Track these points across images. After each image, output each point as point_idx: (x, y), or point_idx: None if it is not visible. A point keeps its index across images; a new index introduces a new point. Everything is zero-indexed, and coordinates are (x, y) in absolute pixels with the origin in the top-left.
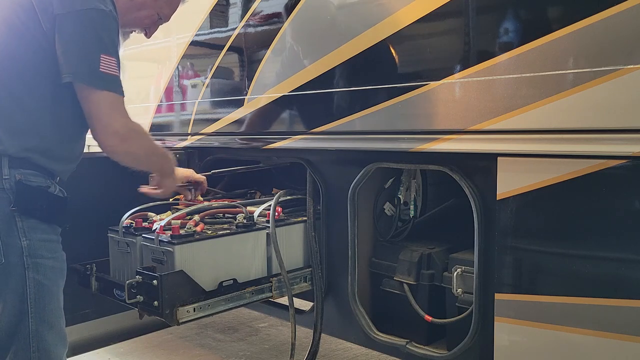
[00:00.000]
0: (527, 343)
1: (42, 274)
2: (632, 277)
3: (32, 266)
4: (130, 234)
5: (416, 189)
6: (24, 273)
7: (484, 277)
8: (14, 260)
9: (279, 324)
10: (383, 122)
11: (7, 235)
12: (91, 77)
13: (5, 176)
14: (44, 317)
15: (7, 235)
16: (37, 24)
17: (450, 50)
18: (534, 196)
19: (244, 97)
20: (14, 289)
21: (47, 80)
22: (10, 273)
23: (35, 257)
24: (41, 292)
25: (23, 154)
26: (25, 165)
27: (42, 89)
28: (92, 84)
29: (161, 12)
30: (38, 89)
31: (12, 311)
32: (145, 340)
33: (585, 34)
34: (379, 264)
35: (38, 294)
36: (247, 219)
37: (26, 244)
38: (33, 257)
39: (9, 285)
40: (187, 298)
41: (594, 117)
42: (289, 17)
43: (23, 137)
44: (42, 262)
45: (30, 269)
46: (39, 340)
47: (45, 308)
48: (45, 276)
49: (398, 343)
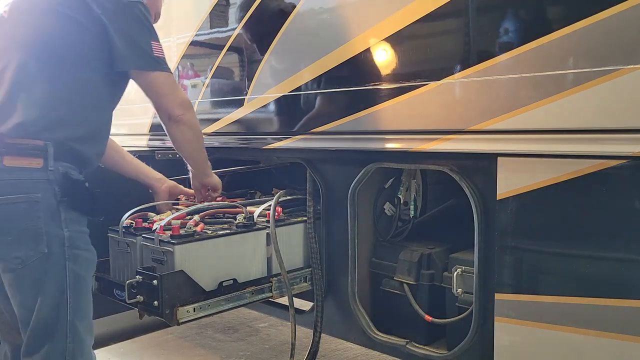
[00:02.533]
0: (527, 343)
1: (79, 265)
2: (632, 277)
3: (71, 257)
4: (130, 234)
5: (416, 189)
6: (64, 264)
7: (484, 277)
8: (56, 250)
9: (279, 324)
10: (383, 122)
11: (51, 226)
12: (150, 62)
13: (51, 167)
14: (79, 308)
15: (51, 225)
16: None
17: (450, 50)
18: (534, 196)
19: (244, 97)
20: (54, 279)
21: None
22: (52, 263)
23: (74, 248)
24: (78, 283)
25: (67, 144)
26: (66, 157)
27: (86, 78)
28: (151, 68)
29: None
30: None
31: (51, 302)
32: (145, 340)
33: (585, 34)
34: (379, 264)
35: (76, 285)
36: (247, 219)
37: (67, 234)
38: (73, 248)
39: (50, 275)
40: (187, 298)
41: (594, 117)
42: (289, 17)
43: (67, 127)
44: (80, 254)
45: (70, 259)
46: (74, 331)
47: (81, 299)
48: (81, 267)
49: (398, 343)
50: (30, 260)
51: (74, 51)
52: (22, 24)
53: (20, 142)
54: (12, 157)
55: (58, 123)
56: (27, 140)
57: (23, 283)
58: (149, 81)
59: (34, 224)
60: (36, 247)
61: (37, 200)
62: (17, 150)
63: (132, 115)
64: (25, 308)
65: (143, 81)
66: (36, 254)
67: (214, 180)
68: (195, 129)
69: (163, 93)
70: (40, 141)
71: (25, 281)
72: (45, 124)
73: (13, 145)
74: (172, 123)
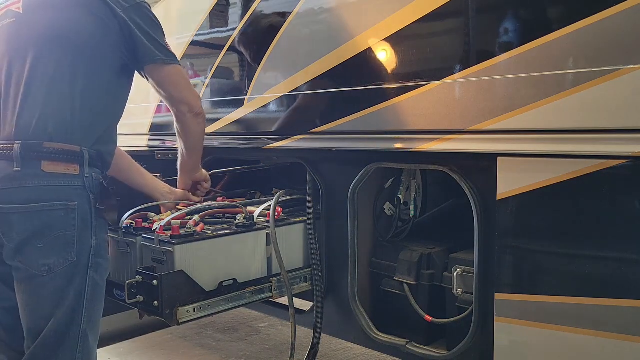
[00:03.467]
0: (527, 343)
1: (99, 273)
2: (632, 277)
3: (94, 266)
4: (130, 234)
5: (416, 189)
6: (87, 272)
7: (484, 277)
8: (83, 259)
9: (279, 324)
10: (383, 122)
11: (83, 234)
12: (170, 56)
13: (86, 174)
14: (91, 317)
15: (83, 233)
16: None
17: (450, 50)
18: (534, 196)
19: (244, 97)
20: (76, 287)
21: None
22: (77, 272)
23: (98, 256)
24: (95, 292)
25: (95, 148)
26: (96, 163)
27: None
28: (172, 61)
29: None
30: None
31: (68, 310)
32: (145, 340)
33: (585, 34)
34: (379, 264)
35: (93, 294)
36: (247, 219)
37: (95, 243)
38: (96, 257)
39: (73, 284)
40: (187, 298)
41: (594, 117)
42: (289, 17)
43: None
44: (101, 262)
45: (92, 268)
46: (85, 340)
47: (94, 308)
48: (100, 276)
49: (398, 343)
50: (58, 268)
51: (99, 49)
52: (42, 20)
53: (58, 146)
54: (50, 163)
55: (88, 126)
56: (64, 144)
57: (44, 291)
58: (169, 74)
59: (68, 232)
60: (67, 255)
61: (73, 208)
62: (56, 155)
63: (132, 115)
64: (40, 317)
65: (165, 76)
66: (65, 262)
67: (203, 173)
68: (204, 124)
69: (184, 86)
70: (77, 147)
71: (48, 289)
72: (79, 127)
73: (51, 150)
74: (191, 115)
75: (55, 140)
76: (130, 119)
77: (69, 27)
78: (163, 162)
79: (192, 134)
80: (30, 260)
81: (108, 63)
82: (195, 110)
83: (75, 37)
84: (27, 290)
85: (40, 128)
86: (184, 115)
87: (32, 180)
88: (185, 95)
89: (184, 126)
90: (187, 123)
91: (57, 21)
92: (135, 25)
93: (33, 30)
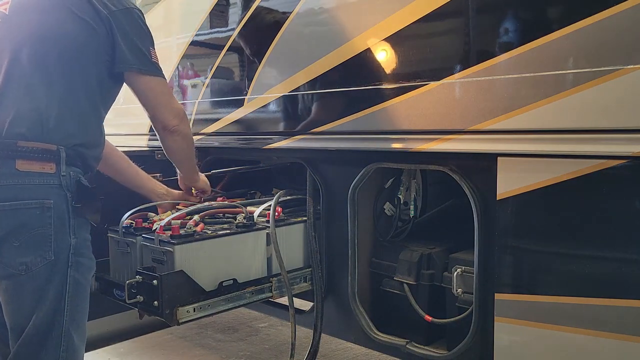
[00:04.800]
0: (527, 343)
1: (80, 272)
2: (632, 277)
3: (74, 264)
4: (130, 234)
5: (416, 189)
6: (67, 271)
7: (484, 277)
8: (62, 257)
9: (279, 324)
10: (383, 122)
11: (60, 233)
12: (149, 66)
13: (63, 173)
14: (75, 317)
15: (60, 232)
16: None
17: (450, 50)
18: (534, 196)
19: (244, 97)
20: (56, 286)
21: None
22: (56, 270)
23: (78, 255)
24: (78, 291)
25: (76, 148)
26: (75, 162)
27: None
28: (149, 72)
29: None
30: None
31: (49, 309)
32: (145, 340)
33: (585, 34)
34: (379, 264)
35: (75, 293)
36: (247, 219)
37: (74, 241)
38: (77, 256)
39: (53, 282)
40: (187, 298)
41: (594, 117)
42: (289, 17)
43: (75, 130)
44: (82, 261)
45: (73, 267)
46: (68, 339)
47: (78, 307)
48: (82, 275)
49: (398, 343)
50: (35, 267)
51: (83, 51)
52: (27, 21)
53: (33, 145)
54: (25, 161)
55: (68, 126)
56: (39, 143)
57: (24, 290)
58: (146, 86)
59: (44, 230)
60: (44, 253)
61: (49, 206)
62: (30, 154)
63: (132, 115)
64: (21, 316)
65: (140, 85)
66: (42, 261)
67: (200, 185)
68: (189, 139)
69: (159, 102)
70: (53, 145)
71: (27, 288)
72: (56, 127)
73: (25, 149)
74: (166, 133)
75: (30, 139)
76: (130, 119)
77: (52, 29)
78: (163, 162)
79: (169, 150)
80: (7, 258)
81: (92, 66)
82: (168, 128)
83: (59, 39)
84: (8, 289)
85: (15, 127)
86: (158, 131)
87: (7, 179)
88: (158, 112)
89: (161, 142)
90: (162, 139)
91: (42, 23)
92: (120, 29)
93: (16, 32)
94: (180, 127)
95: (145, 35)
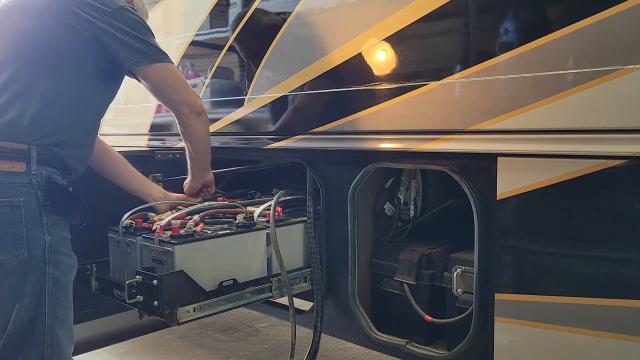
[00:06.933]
0: (527, 343)
1: (60, 270)
2: (632, 277)
3: (52, 262)
4: (130, 234)
5: (416, 189)
6: (44, 268)
7: (484, 277)
8: (37, 255)
9: (279, 324)
10: (383, 122)
11: (32, 230)
12: (158, 54)
13: (34, 172)
14: (58, 314)
15: (32, 230)
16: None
17: (450, 50)
18: (534, 196)
19: (244, 97)
20: (33, 283)
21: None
22: (31, 268)
23: (56, 252)
24: (58, 288)
25: (51, 148)
26: (49, 162)
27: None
28: (161, 60)
29: None
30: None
31: (29, 306)
32: (145, 340)
33: (585, 34)
34: (379, 264)
35: (55, 290)
36: (247, 219)
37: (49, 239)
38: (54, 253)
39: (29, 280)
40: (187, 298)
41: (594, 117)
42: (289, 17)
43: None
44: (61, 259)
45: (51, 264)
46: (52, 336)
47: (60, 304)
48: (62, 272)
49: (398, 343)
50: (10, 265)
51: (63, 55)
52: (13, 25)
53: (3, 145)
54: None
55: (43, 127)
56: (10, 143)
57: (1, 288)
58: (162, 74)
59: (15, 229)
60: (16, 251)
61: (18, 205)
62: (1, 154)
63: (132, 115)
64: (2, 314)
65: (154, 75)
66: (16, 258)
67: (210, 177)
68: (207, 122)
69: (181, 86)
70: (24, 145)
71: (4, 286)
72: (29, 127)
73: None
74: (194, 115)
75: (2, 139)
76: (130, 119)
77: (37, 34)
78: (163, 162)
79: (198, 135)
80: None
81: (78, 70)
82: (196, 110)
83: (42, 44)
84: None
85: None
86: (186, 116)
87: None
88: (183, 95)
89: (188, 128)
90: (190, 124)
91: (28, 27)
92: (117, 30)
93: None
94: (202, 108)
95: (144, 27)
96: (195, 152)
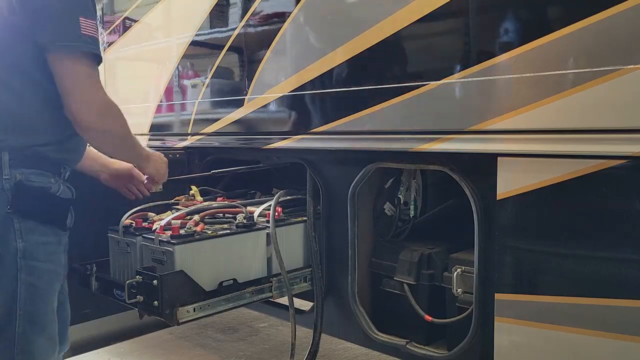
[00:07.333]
0: (527, 343)
1: (35, 276)
2: (632, 277)
3: (24, 268)
4: (130, 234)
5: (416, 189)
6: (16, 274)
7: (484, 277)
8: (7, 261)
9: (279, 324)
10: (383, 122)
11: (3, 237)
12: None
13: (6, 176)
14: (35, 320)
15: (2, 236)
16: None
17: (450, 50)
18: (534, 196)
19: (244, 97)
20: (4, 288)
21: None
22: (2, 274)
23: (29, 259)
24: (33, 294)
25: (31, 149)
26: (27, 163)
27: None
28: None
29: None
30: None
31: (1, 310)
32: (145, 340)
33: (585, 34)
34: (379, 264)
35: (29, 296)
36: (247, 219)
37: (22, 246)
38: (27, 260)
39: (1, 285)
40: (187, 298)
41: (594, 117)
42: (289, 17)
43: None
44: (37, 265)
45: (23, 271)
46: (24, 342)
47: (38, 311)
48: (39, 279)
49: (398, 343)
50: None
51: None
52: None
53: None
54: None
55: (15, 129)
56: None
57: None
58: (64, 67)
59: None
60: None
61: None
62: None
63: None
64: None
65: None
66: None
67: (149, 170)
68: (111, 137)
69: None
70: None
71: None
72: None
73: None
74: (78, 128)
75: None
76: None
77: None
78: None
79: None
80: None
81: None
82: (80, 124)
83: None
84: None
85: None
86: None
87: None
88: (71, 95)
89: None
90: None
91: None
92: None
93: None
94: (97, 124)
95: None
96: None
